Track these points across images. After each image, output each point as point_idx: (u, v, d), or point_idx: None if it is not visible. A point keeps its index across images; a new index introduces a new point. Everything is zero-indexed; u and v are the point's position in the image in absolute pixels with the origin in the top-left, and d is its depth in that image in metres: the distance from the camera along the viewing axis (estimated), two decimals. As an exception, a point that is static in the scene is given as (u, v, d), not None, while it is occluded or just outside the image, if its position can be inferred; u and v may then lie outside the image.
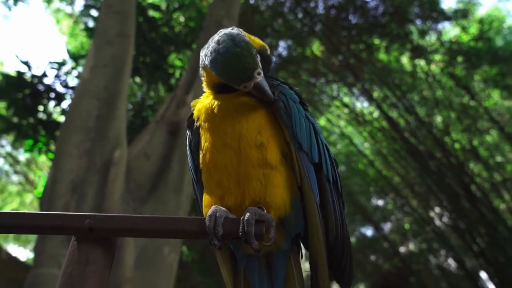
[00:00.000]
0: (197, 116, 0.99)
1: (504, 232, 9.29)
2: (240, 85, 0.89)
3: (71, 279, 0.74)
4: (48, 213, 0.79)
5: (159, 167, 3.94)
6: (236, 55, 0.85)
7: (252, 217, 0.79)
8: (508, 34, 10.02)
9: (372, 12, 9.62)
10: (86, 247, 0.77)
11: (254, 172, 0.87)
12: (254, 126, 0.90)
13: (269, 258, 0.92)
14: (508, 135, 9.34)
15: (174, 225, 0.78)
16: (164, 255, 3.38)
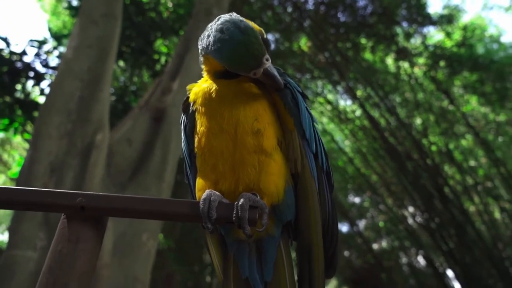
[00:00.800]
0: (194, 100, 0.99)
1: (472, 234, 9.64)
2: (249, 72, 0.88)
3: (61, 256, 0.73)
4: (39, 189, 0.78)
5: (141, 153, 3.89)
6: (243, 42, 0.85)
7: (246, 203, 0.80)
8: (489, 42, 10.32)
9: (360, 11, 9.71)
10: (76, 225, 0.76)
11: (249, 158, 0.88)
12: (252, 112, 0.91)
13: (259, 244, 0.94)
14: (482, 140, 9.66)
15: (167, 207, 0.79)
16: (143, 241, 3.35)
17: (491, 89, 9.24)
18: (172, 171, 3.98)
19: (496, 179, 10.20)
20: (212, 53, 0.90)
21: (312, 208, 0.90)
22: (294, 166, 0.92)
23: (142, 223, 3.43)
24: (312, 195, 0.91)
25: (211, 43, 0.89)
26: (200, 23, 5.44)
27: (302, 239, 0.91)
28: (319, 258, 0.89)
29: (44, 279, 0.71)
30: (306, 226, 0.90)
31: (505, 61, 9.42)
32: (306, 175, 0.91)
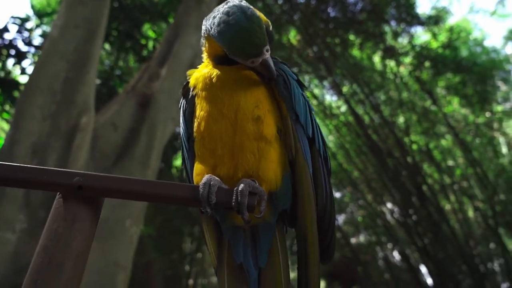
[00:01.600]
0: (194, 85, 0.98)
1: (447, 231, 9.94)
2: (247, 60, 0.88)
3: (56, 235, 0.72)
4: (36, 167, 0.76)
5: (127, 138, 3.84)
6: (247, 29, 0.84)
7: (246, 189, 0.80)
8: (473, 45, 10.54)
9: (351, 8, 9.75)
10: (73, 205, 0.75)
11: (249, 144, 0.88)
12: (252, 99, 0.91)
13: (255, 231, 0.95)
14: (461, 141, 9.91)
15: (166, 190, 0.78)
16: (126, 227, 3.33)
17: (473, 92, 9.46)
18: (158, 158, 3.95)
19: (472, 179, 10.51)
20: (214, 34, 0.89)
21: (306, 193, 0.91)
22: (291, 151, 0.93)
23: (125, 208, 3.40)
24: (305, 180, 0.92)
25: (215, 24, 0.88)
26: (191, 10, 5.36)
27: (298, 225, 0.92)
28: (314, 244, 0.90)
29: (39, 259, 0.70)
30: (301, 212, 0.91)
31: (487, 65, 9.66)
32: (299, 159, 0.92)
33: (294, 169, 0.93)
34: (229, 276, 0.92)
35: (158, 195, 0.78)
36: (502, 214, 9.51)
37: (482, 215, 10.26)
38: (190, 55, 4.96)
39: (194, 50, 5.07)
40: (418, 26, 9.71)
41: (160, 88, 4.30)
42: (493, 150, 10.15)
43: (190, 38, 5.08)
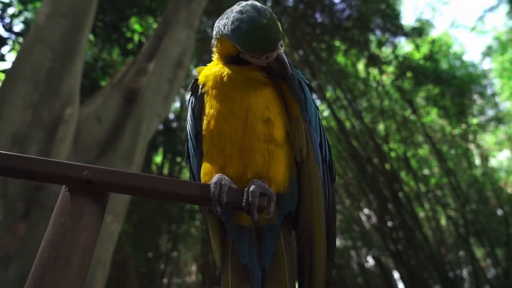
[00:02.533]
0: (203, 82, 0.97)
1: (420, 238, 10.20)
2: (263, 55, 0.89)
3: (63, 230, 0.70)
4: (45, 159, 0.74)
5: (111, 133, 3.76)
6: (262, 24, 0.85)
7: (257, 190, 0.80)
8: (452, 59, 10.89)
9: (338, 14, 9.89)
10: (80, 199, 0.73)
11: (259, 146, 0.89)
12: (263, 100, 0.91)
13: (260, 232, 0.95)
14: (437, 151, 10.21)
15: (177, 188, 0.77)
16: (107, 223, 3.26)
17: (450, 104, 9.76)
18: (142, 154, 3.89)
19: (446, 189, 10.83)
20: (228, 33, 0.89)
21: (315, 195, 0.92)
22: (299, 153, 0.93)
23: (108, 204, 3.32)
24: (316, 182, 0.93)
25: (228, 23, 0.89)
26: (181, 6, 5.31)
27: (303, 229, 0.93)
28: (322, 248, 0.91)
29: (45, 253, 0.68)
30: (308, 215, 0.92)
31: (465, 78, 10.00)
32: (310, 161, 0.93)
33: (300, 172, 0.94)
34: (233, 276, 0.92)
35: (168, 193, 0.77)
36: (472, 223, 9.83)
37: (454, 224, 10.59)
38: (179, 52, 4.91)
39: (182, 46, 5.02)
40: (402, 36, 9.95)
41: (147, 83, 4.24)
42: (467, 161, 10.49)
43: (179, 34, 5.03)
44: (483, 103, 10.86)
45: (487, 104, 11.05)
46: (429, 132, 10.31)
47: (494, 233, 9.83)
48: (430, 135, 10.18)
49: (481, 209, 10.04)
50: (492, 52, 10.81)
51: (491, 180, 10.52)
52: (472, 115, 10.50)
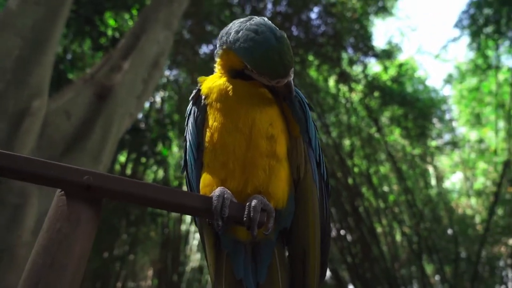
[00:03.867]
0: (207, 94, 0.97)
1: (376, 252, 10.53)
2: (274, 80, 0.89)
3: (59, 236, 0.67)
4: (42, 160, 0.70)
5: (79, 129, 3.62)
6: (278, 49, 0.85)
7: (259, 205, 0.81)
8: (416, 83, 11.44)
9: (313, 30, 10.14)
10: (77, 205, 0.71)
11: (261, 161, 0.89)
12: (267, 117, 0.92)
13: (256, 246, 0.95)
14: (397, 169, 10.63)
15: (178, 198, 0.76)
16: (68, 223, 3.11)
17: (412, 125, 10.22)
18: (111, 154, 3.77)
19: (403, 206, 11.27)
20: (240, 50, 0.89)
21: (311, 214, 0.93)
22: (297, 171, 0.95)
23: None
24: (312, 201, 0.94)
25: (240, 40, 0.88)
26: (161, 6, 5.24)
27: (297, 245, 0.94)
28: (315, 265, 0.93)
29: (39, 260, 0.65)
30: (303, 232, 0.93)
31: (427, 102, 10.52)
32: (307, 180, 0.95)
33: (298, 189, 0.95)
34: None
35: (170, 203, 0.76)
36: (425, 240, 10.28)
37: (408, 240, 11.03)
38: (156, 52, 4.84)
39: (160, 47, 4.95)
40: (372, 57, 10.34)
41: (121, 81, 4.13)
42: (424, 181, 10.98)
43: (158, 34, 4.95)
44: (442, 127, 11.46)
45: (445, 128, 11.66)
46: (391, 151, 10.72)
47: (444, 251, 10.34)
48: (392, 154, 10.59)
49: (434, 228, 10.54)
50: (453, 80, 11.45)
51: (444, 200, 11.07)
52: (431, 138, 11.04)
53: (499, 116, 10.05)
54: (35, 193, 2.90)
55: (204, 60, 10.96)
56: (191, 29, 10.20)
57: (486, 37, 9.87)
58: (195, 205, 0.78)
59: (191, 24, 9.93)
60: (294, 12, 10.25)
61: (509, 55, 9.93)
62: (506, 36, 9.82)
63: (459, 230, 10.50)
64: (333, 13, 9.89)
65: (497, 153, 10.05)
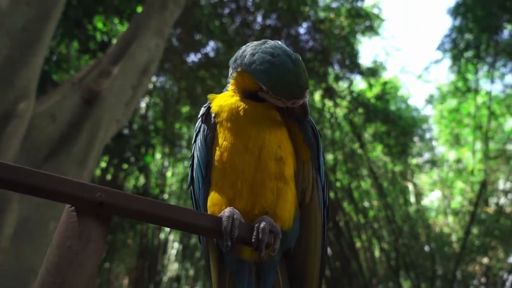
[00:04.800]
0: (217, 112, 0.97)
1: (355, 267, 10.61)
2: (289, 101, 0.91)
3: (70, 254, 0.66)
4: (55, 175, 0.69)
5: (65, 133, 3.55)
6: (294, 72, 0.87)
7: (267, 227, 0.82)
8: (399, 101, 11.72)
9: (301, 44, 10.29)
10: (89, 222, 0.70)
11: (269, 183, 0.90)
12: (276, 139, 0.94)
13: (259, 267, 0.95)
14: (378, 185, 10.80)
15: (189, 218, 0.76)
16: (49, 230, 3.02)
17: (394, 142, 10.43)
18: (96, 160, 3.70)
19: (382, 222, 11.43)
20: (255, 72, 0.90)
21: (313, 238, 0.95)
22: (301, 195, 0.96)
23: (52, 209, 3.10)
24: (315, 226, 0.96)
25: (256, 62, 0.90)
26: (153, 14, 5.24)
27: (296, 266, 0.95)
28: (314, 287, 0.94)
29: (49, 278, 0.63)
30: (303, 254, 0.95)
31: (409, 121, 10.78)
32: (313, 206, 0.96)
33: (302, 213, 0.97)
34: None
35: (180, 222, 0.76)
36: (403, 256, 10.42)
37: (386, 256, 11.16)
38: (146, 59, 4.82)
39: (150, 54, 4.94)
40: (357, 74, 10.56)
41: (110, 86, 4.09)
42: (404, 198, 11.18)
43: (149, 41, 4.94)
44: (422, 145, 11.74)
45: (425, 147, 11.95)
46: (373, 167, 10.90)
47: (421, 268, 10.49)
48: (373, 170, 10.77)
49: (412, 244, 10.70)
50: (434, 100, 11.79)
51: (422, 218, 11.28)
52: (412, 156, 11.29)
53: (477, 137, 10.38)
54: (16, 199, 2.81)
55: (192, 68, 10.97)
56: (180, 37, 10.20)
57: (466, 61, 10.25)
58: (205, 225, 0.78)
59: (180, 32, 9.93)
60: (283, 26, 10.39)
61: (487, 80, 10.31)
62: (485, 61, 10.22)
63: (436, 247, 10.70)
64: (322, 30, 10.08)
65: (474, 174, 10.35)
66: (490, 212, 10.10)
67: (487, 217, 9.94)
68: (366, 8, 9.57)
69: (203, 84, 11.17)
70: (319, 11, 9.94)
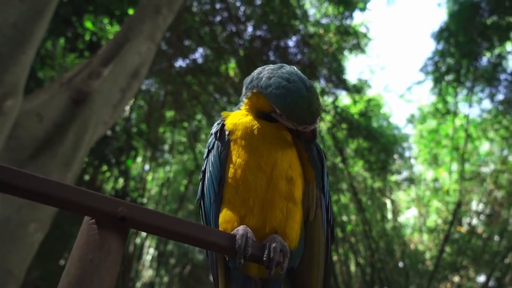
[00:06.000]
0: (231, 130, 1.00)
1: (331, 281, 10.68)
2: (301, 125, 0.94)
3: (91, 267, 0.66)
4: (78, 188, 0.70)
5: (51, 133, 3.47)
6: (307, 99, 0.91)
7: (279, 246, 0.84)
8: (382, 119, 11.99)
9: (290, 57, 10.44)
10: (109, 235, 0.71)
11: (279, 202, 0.93)
12: (288, 159, 0.97)
13: (265, 283, 0.97)
14: (357, 200, 10.97)
15: (206, 235, 0.78)
16: (29, 232, 2.94)
17: (375, 159, 10.64)
18: (81, 162, 3.64)
19: (359, 236, 11.58)
20: (271, 95, 0.94)
21: (317, 256, 0.98)
22: (306, 214, 1.00)
23: (33, 210, 3.02)
24: (319, 244, 0.99)
25: (272, 86, 0.93)
26: (146, 18, 5.23)
27: (301, 283, 0.98)
28: None
29: (71, 290, 0.64)
30: (306, 272, 0.97)
31: (390, 139, 11.03)
32: (316, 225, 1.00)
33: (306, 231, 1.00)
34: None
35: (199, 240, 0.77)
36: (378, 272, 10.57)
37: (361, 271, 11.30)
38: (137, 62, 4.79)
39: (142, 58, 4.91)
40: (343, 90, 10.76)
41: (99, 88, 4.04)
42: (381, 214, 11.38)
43: (140, 45, 4.92)
44: (401, 163, 12.01)
45: (404, 165, 12.24)
46: (353, 182, 11.07)
47: (395, 284, 10.66)
48: (353, 185, 10.93)
49: (387, 260, 10.86)
50: (414, 120, 12.13)
51: (398, 235, 11.50)
52: (391, 173, 11.53)
53: (454, 158, 10.71)
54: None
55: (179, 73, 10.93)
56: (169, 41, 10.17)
57: (447, 84, 10.61)
58: (221, 243, 0.80)
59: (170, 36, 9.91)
60: (273, 37, 10.52)
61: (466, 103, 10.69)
62: (464, 85, 10.61)
63: (410, 264, 10.90)
64: (310, 44, 10.26)
65: (450, 193, 10.65)
66: (463, 232, 10.40)
67: (460, 237, 10.22)
68: (355, 26, 9.81)
69: (189, 89, 11.15)
70: (309, 26, 10.12)
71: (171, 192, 13.37)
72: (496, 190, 10.53)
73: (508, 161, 10.49)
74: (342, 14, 9.61)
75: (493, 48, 9.82)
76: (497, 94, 10.16)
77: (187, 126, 12.18)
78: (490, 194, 10.54)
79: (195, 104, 11.70)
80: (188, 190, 12.92)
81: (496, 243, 10.41)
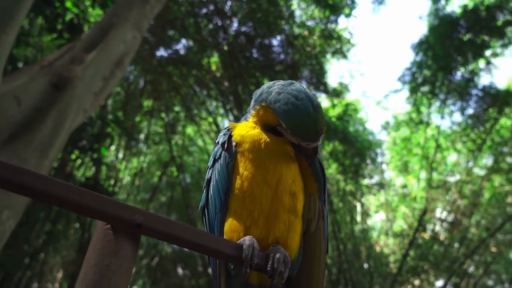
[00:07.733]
0: (239, 142, 1.02)
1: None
2: (305, 142, 0.98)
3: (108, 273, 0.67)
4: (97, 194, 0.70)
5: (29, 118, 3.36)
6: (313, 118, 0.95)
7: (282, 257, 0.88)
8: (358, 124, 12.26)
9: (273, 55, 10.48)
10: (125, 241, 0.72)
11: (283, 215, 0.97)
12: (291, 174, 1.00)
13: None
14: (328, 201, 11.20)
15: (216, 245, 0.80)
16: (2, 220, 2.85)
17: (349, 163, 10.89)
18: (59, 149, 3.54)
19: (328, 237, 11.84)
20: (279, 110, 0.97)
21: (318, 265, 1.02)
22: (306, 225, 1.04)
23: (6, 198, 2.92)
24: (320, 254, 1.03)
25: (281, 102, 0.96)
26: (134, 5, 5.12)
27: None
28: None
29: (89, 296, 0.64)
30: (305, 282, 1.01)
31: (365, 144, 11.31)
32: (319, 236, 1.04)
33: (306, 242, 1.04)
34: None
35: (209, 248, 0.79)
36: (344, 272, 10.86)
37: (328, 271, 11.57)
38: (121, 51, 4.69)
39: (126, 46, 4.81)
40: (323, 93, 10.92)
41: (81, 74, 3.93)
42: (351, 216, 11.67)
43: (126, 33, 4.82)
44: (373, 168, 12.34)
45: (376, 170, 12.58)
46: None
47: (359, 284, 10.98)
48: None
49: (353, 261, 11.17)
50: (389, 127, 12.48)
51: (365, 237, 11.84)
52: (363, 177, 11.83)
53: (423, 166, 11.12)
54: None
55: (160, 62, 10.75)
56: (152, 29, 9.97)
57: (422, 94, 10.98)
58: (229, 252, 0.83)
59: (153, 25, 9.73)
60: (257, 35, 10.52)
61: (438, 114, 11.10)
62: (438, 97, 11.02)
63: (374, 266, 11.25)
64: (294, 45, 10.33)
65: (417, 200, 11.05)
66: (426, 237, 10.84)
67: (423, 242, 10.64)
68: (339, 31, 9.96)
69: (169, 80, 10.99)
70: (294, 27, 10.19)
71: (143, 183, 13.17)
72: (459, 199, 11.02)
73: (472, 173, 10.99)
74: (328, 18, 9.74)
75: (467, 63, 10.24)
76: (468, 108, 10.62)
77: (164, 116, 12.01)
78: (454, 203, 11.02)
79: (174, 95, 11.55)
80: (162, 181, 12.76)
81: (456, 250, 10.92)
